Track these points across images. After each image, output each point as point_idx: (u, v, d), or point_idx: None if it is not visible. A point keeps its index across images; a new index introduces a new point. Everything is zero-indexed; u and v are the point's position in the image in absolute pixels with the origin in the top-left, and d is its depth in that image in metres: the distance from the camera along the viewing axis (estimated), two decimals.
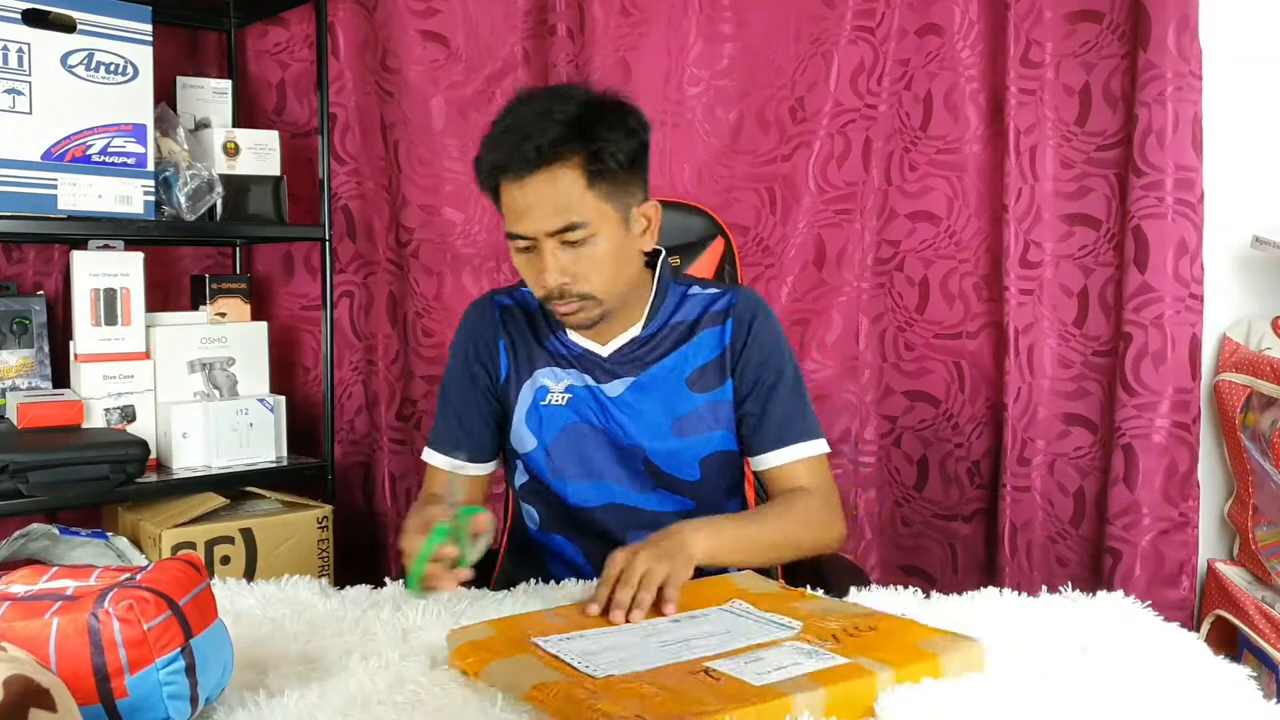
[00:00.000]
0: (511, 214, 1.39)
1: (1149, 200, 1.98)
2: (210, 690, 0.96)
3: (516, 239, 1.40)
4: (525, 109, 1.39)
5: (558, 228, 1.37)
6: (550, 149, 1.35)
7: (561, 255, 1.39)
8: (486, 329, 1.59)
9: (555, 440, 1.54)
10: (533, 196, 1.36)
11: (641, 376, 1.52)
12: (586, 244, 1.39)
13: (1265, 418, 1.91)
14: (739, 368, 1.53)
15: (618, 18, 2.30)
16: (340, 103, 2.39)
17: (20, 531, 1.94)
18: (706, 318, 1.54)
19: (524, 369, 1.56)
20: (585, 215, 1.37)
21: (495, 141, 1.39)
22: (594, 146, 1.36)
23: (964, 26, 2.18)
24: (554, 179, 1.36)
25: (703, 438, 1.52)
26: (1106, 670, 1.07)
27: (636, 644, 1.09)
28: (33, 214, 1.88)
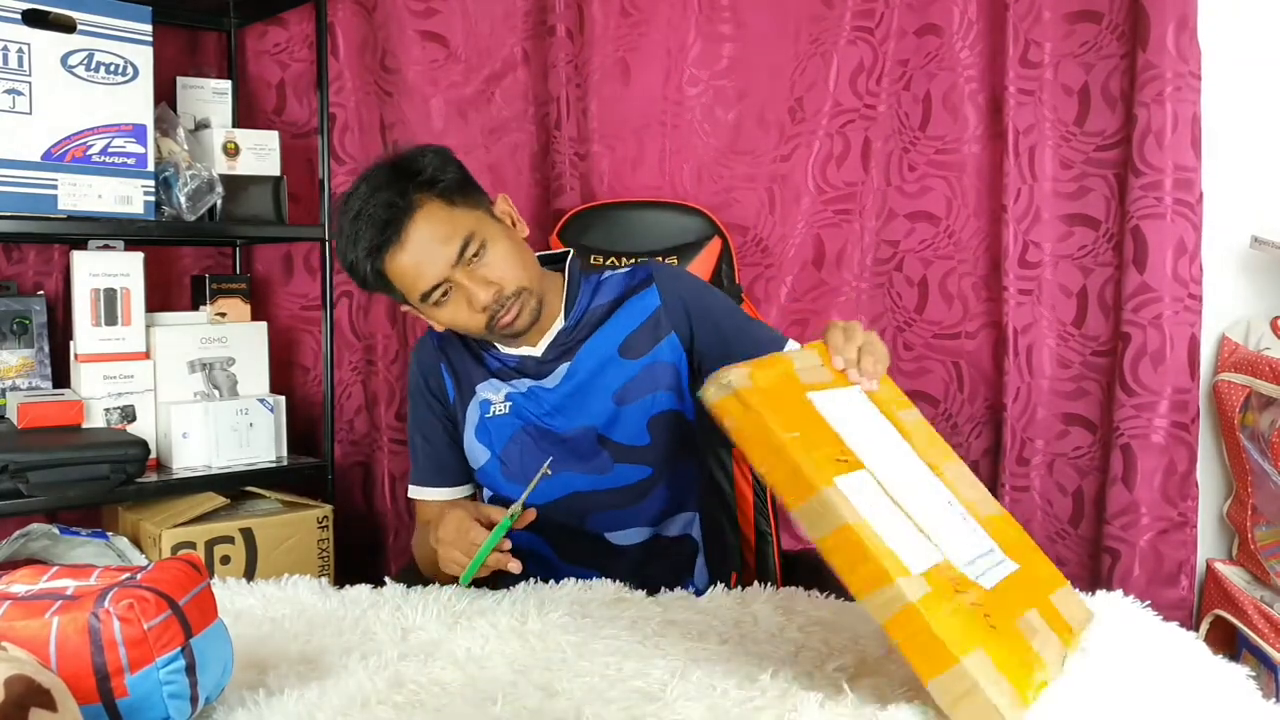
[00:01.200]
0: (412, 276, 1.45)
1: (1148, 200, 1.98)
2: (210, 690, 0.96)
3: (431, 294, 1.46)
4: (353, 207, 1.46)
5: (458, 250, 1.44)
6: (402, 202, 1.43)
7: (475, 277, 1.45)
8: (429, 360, 1.66)
9: (505, 448, 1.59)
10: (417, 247, 1.44)
11: (575, 358, 1.58)
12: (486, 251, 1.46)
13: (1264, 418, 1.91)
14: (683, 324, 1.58)
15: (617, 18, 2.30)
16: (340, 103, 2.39)
17: (20, 531, 1.94)
18: (627, 291, 1.61)
19: (466, 389, 1.63)
20: (468, 229, 1.45)
21: (354, 237, 1.46)
22: (424, 178, 1.46)
23: (963, 27, 2.18)
24: (421, 222, 1.44)
25: (645, 400, 1.57)
26: (1105, 670, 1.07)
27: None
28: (33, 214, 1.88)
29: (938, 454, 1.15)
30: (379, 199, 1.44)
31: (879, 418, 1.13)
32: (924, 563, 0.95)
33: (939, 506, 1.06)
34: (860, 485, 0.98)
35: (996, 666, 0.90)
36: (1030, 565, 1.09)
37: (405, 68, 2.35)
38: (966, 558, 1.00)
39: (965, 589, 0.96)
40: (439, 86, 2.37)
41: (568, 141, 2.33)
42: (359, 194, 1.47)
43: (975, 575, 0.99)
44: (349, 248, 1.47)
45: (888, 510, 0.98)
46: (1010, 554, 1.07)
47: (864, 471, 1.01)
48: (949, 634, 0.89)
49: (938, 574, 0.95)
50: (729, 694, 1.00)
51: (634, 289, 1.61)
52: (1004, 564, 1.05)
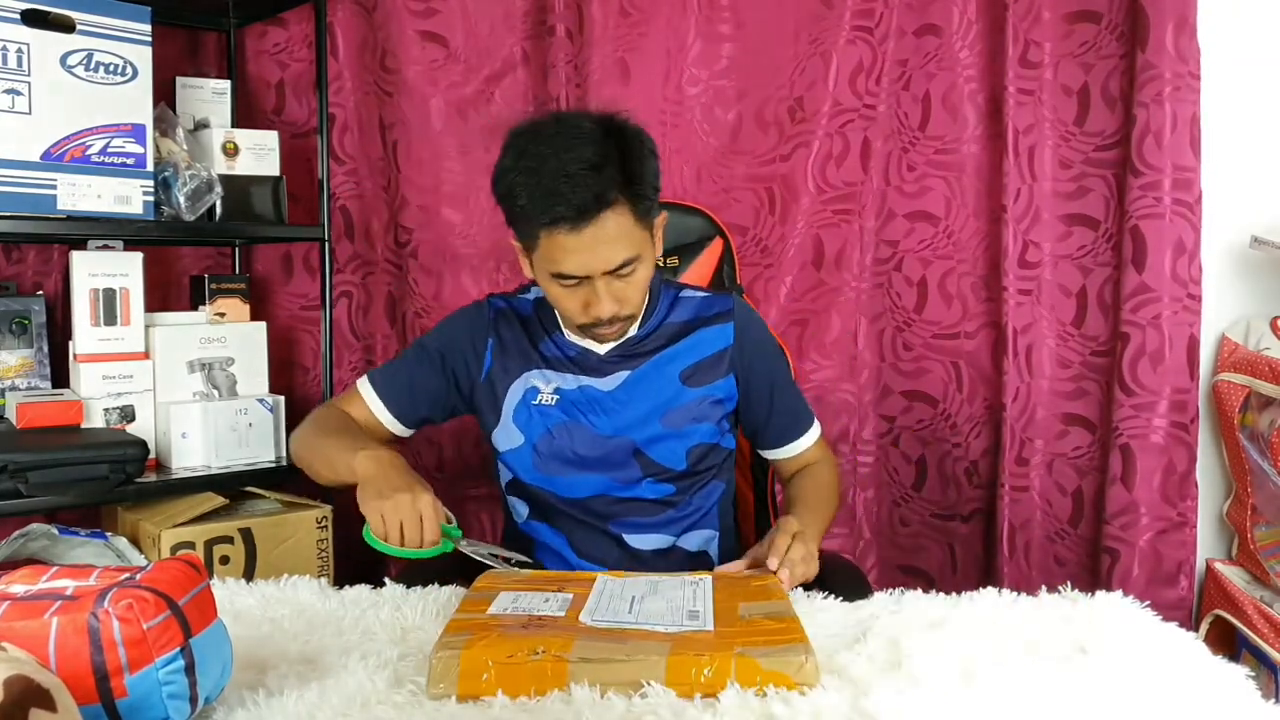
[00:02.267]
0: (564, 258, 1.41)
1: (1147, 200, 1.99)
2: (210, 690, 0.96)
3: (565, 278, 1.43)
4: (554, 155, 1.38)
5: (616, 266, 1.42)
6: (606, 197, 1.38)
7: (613, 287, 1.45)
8: (478, 327, 1.63)
9: (542, 438, 1.59)
10: (589, 241, 1.39)
11: (637, 370, 1.58)
12: (634, 272, 1.45)
13: (1264, 417, 1.91)
14: (744, 373, 1.61)
15: (617, 18, 2.30)
16: (339, 103, 2.38)
17: (19, 531, 1.94)
18: (701, 319, 1.61)
19: (512, 369, 1.61)
20: (635, 248, 1.43)
21: (540, 194, 1.38)
22: (636, 185, 1.41)
23: (962, 27, 2.18)
24: (608, 222, 1.39)
25: (689, 429, 1.59)
26: (1105, 670, 1.07)
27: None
28: (32, 214, 1.88)
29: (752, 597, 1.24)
30: (585, 178, 1.36)
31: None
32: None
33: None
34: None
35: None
36: (731, 637, 1.09)
37: (405, 68, 2.35)
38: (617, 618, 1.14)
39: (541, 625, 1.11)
40: (439, 86, 2.36)
41: None
42: (561, 152, 1.38)
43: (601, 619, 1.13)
44: (526, 188, 1.39)
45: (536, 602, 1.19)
46: (727, 629, 1.12)
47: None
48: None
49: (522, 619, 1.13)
50: (728, 695, 1.00)
51: (710, 319, 1.61)
52: (696, 623, 1.13)
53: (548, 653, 1.02)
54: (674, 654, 1.02)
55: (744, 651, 1.03)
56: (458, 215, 2.39)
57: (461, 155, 2.38)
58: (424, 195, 2.39)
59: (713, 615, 1.15)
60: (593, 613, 1.15)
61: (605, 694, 0.98)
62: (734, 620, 1.14)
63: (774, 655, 1.02)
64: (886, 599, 1.32)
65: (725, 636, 1.08)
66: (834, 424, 2.31)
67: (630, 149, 1.42)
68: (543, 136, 1.41)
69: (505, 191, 1.43)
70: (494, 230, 2.41)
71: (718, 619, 1.14)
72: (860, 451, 2.34)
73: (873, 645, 1.13)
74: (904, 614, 1.24)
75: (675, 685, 0.99)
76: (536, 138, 1.41)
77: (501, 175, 1.44)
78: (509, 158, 1.43)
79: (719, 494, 1.67)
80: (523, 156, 1.41)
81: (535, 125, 1.44)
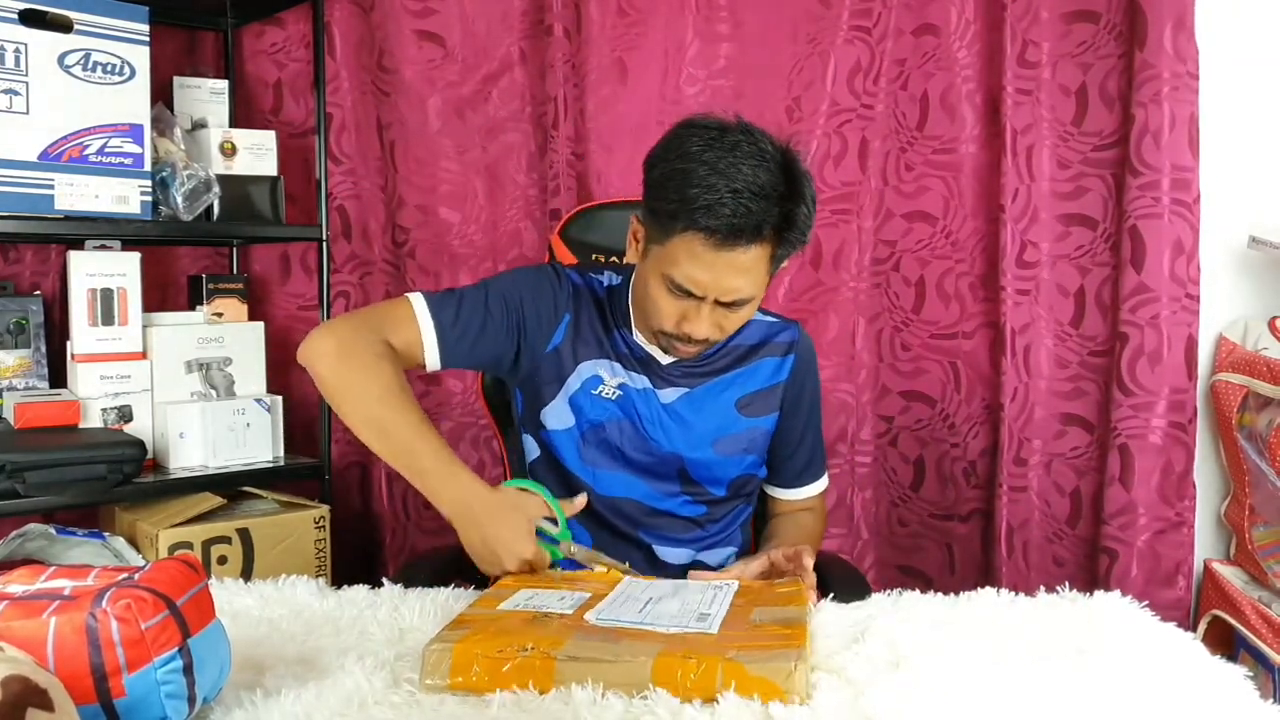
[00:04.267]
0: (688, 269, 1.36)
1: (1145, 200, 1.99)
2: (208, 690, 0.96)
3: (676, 286, 1.38)
4: (733, 164, 1.32)
5: (733, 299, 1.39)
6: (762, 229, 1.34)
7: (718, 313, 1.41)
8: (560, 296, 1.55)
9: (593, 429, 1.55)
10: (723, 267, 1.35)
11: (696, 389, 1.56)
12: (744, 308, 1.42)
13: (1262, 418, 1.91)
14: (788, 410, 1.61)
15: (614, 18, 2.30)
16: (337, 103, 2.38)
17: (17, 531, 1.94)
18: (767, 346, 1.60)
19: (581, 351, 1.54)
20: (758, 289, 1.40)
21: (708, 196, 1.32)
22: (790, 230, 1.37)
23: (960, 26, 2.18)
24: (749, 255, 1.35)
25: (737, 458, 1.59)
26: (1103, 670, 1.07)
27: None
28: (29, 214, 1.88)
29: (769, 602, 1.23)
30: (753, 203, 1.31)
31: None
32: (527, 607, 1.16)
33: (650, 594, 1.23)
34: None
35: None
36: (729, 641, 1.07)
37: (402, 67, 2.35)
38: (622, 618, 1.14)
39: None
40: (436, 86, 2.36)
41: (565, 141, 2.33)
42: (749, 158, 1.33)
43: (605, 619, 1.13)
44: (689, 184, 1.32)
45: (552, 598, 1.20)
46: (732, 626, 1.12)
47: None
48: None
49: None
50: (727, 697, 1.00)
51: (775, 348, 1.60)
52: (702, 625, 1.12)
53: (536, 649, 1.01)
54: (661, 656, 1.01)
55: (735, 656, 1.01)
56: (455, 215, 2.39)
57: (459, 155, 2.38)
58: (422, 195, 2.38)
59: (723, 619, 1.14)
60: (600, 612, 1.15)
61: (605, 694, 0.98)
62: (744, 623, 1.13)
63: (762, 662, 1.00)
64: (885, 599, 1.32)
65: (724, 640, 1.07)
66: (832, 424, 2.31)
67: (800, 191, 1.37)
68: (727, 140, 1.35)
69: (665, 177, 1.36)
70: (492, 230, 2.42)
71: (726, 622, 1.13)
72: (858, 452, 2.34)
73: (871, 645, 1.12)
74: (902, 614, 1.24)
75: (660, 687, 0.98)
76: (722, 138, 1.35)
77: (667, 159, 1.37)
78: (690, 145, 1.35)
79: (745, 516, 1.68)
80: (707, 150, 1.33)
81: (722, 125, 1.37)
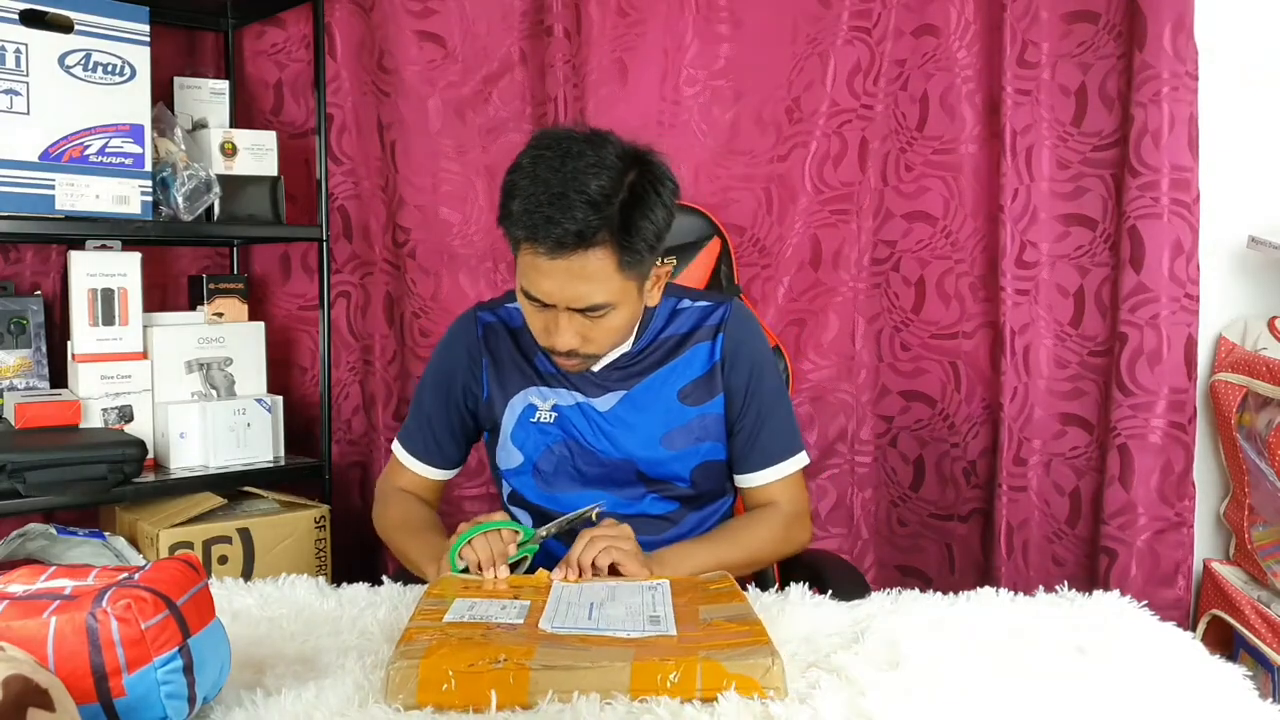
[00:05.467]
0: (533, 279, 1.35)
1: (1145, 200, 1.99)
2: (208, 689, 0.96)
3: (530, 297, 1.38)
4: (560, 173, 1.31)
5: (582, 307, 1.36)
6: (589, 235, 1.30)
7: (577, 322, 1.38)
8: (470, 348, 1.59)
9: (542, 457, 1.55)
10: (562, 275, 1.33)
11: (633, 390, 1.53)
12: (605, 316, 1.38)
13: (1261, 418, 1.91)
14: (731, 386, 1.54)
15: (614, 18, 2.30)
16: (337, 103, 2.39)
17: (18, 531, 1.94)
18: (699, 332, 1.55)
19: (509, 387, 1.56)
20: (611, 296, 1.36)
21: (530, 207, 1.31)
22: (629, 235, 1.33)
23: (960, 27, 2.18)
24: (586, 262, 1.32)
25: (691, 449, 1.54)
26: (1103, 670, 1.08)
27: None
28: (30, 214, 1.88)
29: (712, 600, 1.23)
30: (579, 210, 1.29)
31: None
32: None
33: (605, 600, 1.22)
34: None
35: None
36: (694, 641, 1.07)
37: (403, 68, 2.35)
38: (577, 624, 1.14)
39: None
40: (436, 86, 2.36)
41: None
42: (568, 173, 1.30)
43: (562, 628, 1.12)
44: (518, 206, 1.32)
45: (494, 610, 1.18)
46: (687, 626, 1.13)
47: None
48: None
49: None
50: (727, 697, 1.00)
51: (705, 333, 1.54)
52: (658, 627, 1.13)
53: (510, 660, 1.00)
54: (638, 660, 1.01)
55: (709, 655, 1.01)
56: (456, 215, 2.39)
57: (459, 155, 2.38)
58: (422, 195, 2.39)
59: (674, 619, 1.15)
60: (552, 619, 1.14)
61: (607, 699, 0.98)
62: (695, 623, 1.13)
63: (739, 659, 1.01)
64: (884, 599, 1.32)
65: (688, 640, 1.07)
66: (832, 424, 2.32)
67: (641, 197, 1.35)
68: (564, 149, 1.33)
69: (506, 188, 1.36)
70: (492, 230, 2.41)
71: (679, 622, 1.13)
72: (858, 452, 2.34)
73: (870, 645, 1.13)
74: (902, 614, 1.24)
75: (640, 692, 0.98)
76: (558, 146, 1.34)
77: (511, 170, 1.37)
78: (526, 156, 1.36)
79: (725, 509, 1.63)
80: (537, 162, 1.33)
81: (567, 134, 1.36)
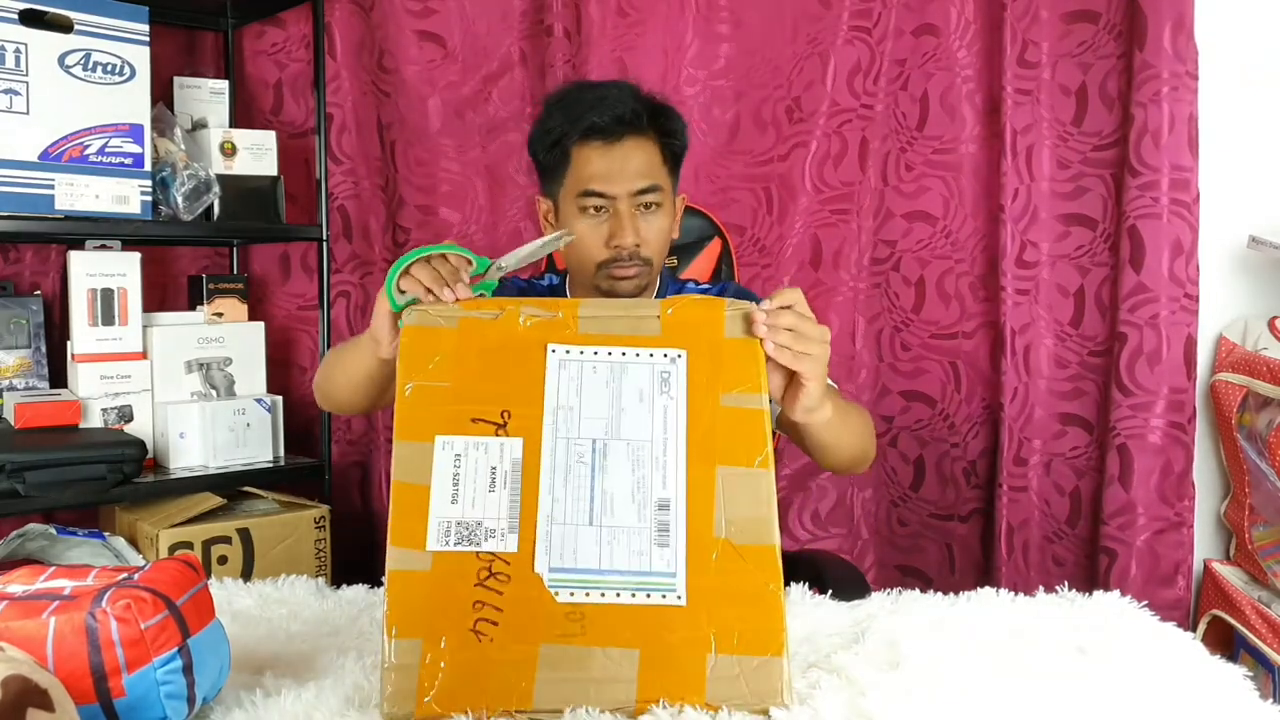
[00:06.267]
0: (594, 174, 1.46)
1: (1145, 200, 1.99)
2: (207, 690, 0.96)
3: (594, 197, 1.47)
4: (593, 90, 1.50)
5: (643, 187, 1.47)
6: (641, 119, 1.47)
7: (637, 219, 1.48)
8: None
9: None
10: (620, 159, 1.46)
11: None
12: (656, 213, 1.49)
13: (1262, 417, 1.91)
14: None
15: (614, 18, 2.30)
16: (337, 103, 2.38)
17: (17, 531, 1.94)
18: None
19: None
20: (662, 181, 1.50)
21: (580, 108, 1.47)
22: (666, 127, 1.50)
23: (960, 26, 2.18)
24: (640, 146, 1.48)
25: None
26: (1103, 670, 1.07)
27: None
28: (30, 214, 1.88)
29: (729, 453, 1.04)
30: (620, 98, 1.47)
31: (651, 397, 1.06)
32: (462, 543, 0.99)
33: (612, 506, 1.02)
34: (467, 449, 1.02)
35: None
36: (703, 611, 0.98)
37: (403, 67, 2.35)
38: (578, 563, 0.99)
39: (496, 585, 0.98)
40: (436, 86, 2.36)
41: None
42: (600, 89, 1.50)
43: (560, 583, 0.98)
44: (559, 112, 1.49)
45: (481, 485, 1.01)
46: (700, 591, 0.99)
47: (507, 439, 1.03)
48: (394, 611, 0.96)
49: (470, 560, 0.98)
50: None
51: None
52: (665, 595, 0.99)
53: (515, 691, 0.95)
54: (643, 670, 0.96)
55: (714, 669, 0.96)
56: (456, 215, 2.39)
57: (459, 155, 2.38)
58: (422, 195, 2.39)
59: (684, 540, 1.00)
60: (549, 552, 1.00)
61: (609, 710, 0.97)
62: (708, 545, 1.00)
63: (749, 672, 0.96)
64: (885, 599, 1.32)
65: (697, 618, 0.98)
66: None
67: (660, 105, 1.52)
68: (580, 86, 1.55)
69: (543, 126, 1.51)
70: (491, 230, 2.41)
71: (691, 557, 1.00)
72: None
73: (871, 645, 1.13)
74: (902, 614, 1.24)
75: (645, 701, 0.95)
76: (575, 87, 1.55)
77: (537, 121, 1.53)
78: (548, 104, 1.53)
79: None
80: (562, 99, 1.51)
81: (574, 82, 1.58)
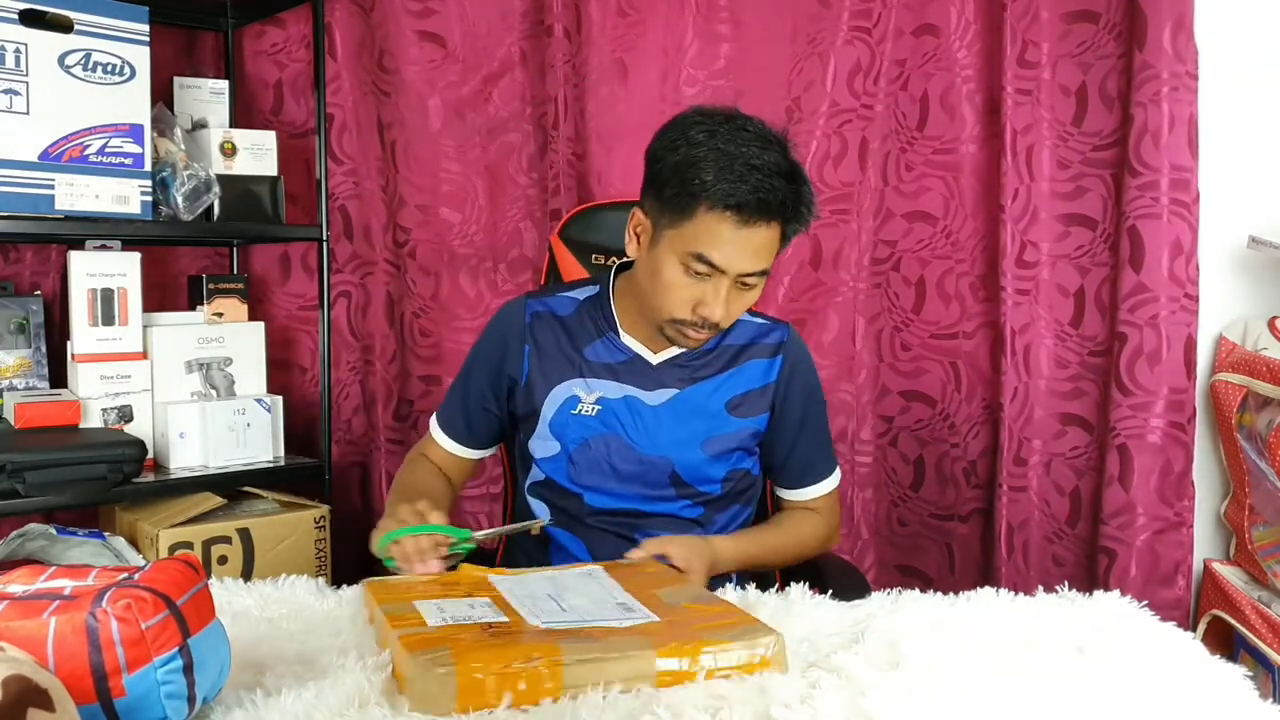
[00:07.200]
0: (715, 245, 1.41)
1: (1144, 200, 1.99)
2: (208, 690, 0.96)
3: (705, 264, 1.42)
4: (751, 147, 1.40)
5: (755, 271, 1.44)
6: (784, 207, 1.42)
7: (733, 293, 1.45)
8: (514, 333, 1.61)
9: (579, 448, 1.57)
10: (745, 241, 1.41)
11: (686, 391, 1.57)
12: (751, 290, 1.47)
13: (1261, 417, 1.91)
14: (779, 411, 1.60)
15: (614, 18, 2.30)
16: (337, 103, 2.38)
17: (17, 531, 1.94)
18: (755, 347, 1.61)
19: (552, 376, 1.58)
20: (770, 263, 1.46)
21: (732, 171, 1.39)
22: (799, 211, 1.45)
23: (960, 27, 2.18)
24: (770, 232, 1.43)
25: (728, 458, 1.58)
26: (1103, 670, 1.08)
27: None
28: (30, 214, 1.88)
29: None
30: (778, 181, 1.40)
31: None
32: (460, 621, 1.11)
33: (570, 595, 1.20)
34: (443, 604, 1.17)
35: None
36: (684, 626, 1.10)
37: (403, 68, 2.35)
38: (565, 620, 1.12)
39: (501, 629, 1.09)
40: (436, 86, 2.37)
41: (565, 141, 2.33)
42: (762, 141, 1.42)
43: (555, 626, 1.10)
44: (716, 165, 1.39)
45: (463, 612, 1.14)
46: (663, 613, 1.14)
47: (476, 598, 1.19)
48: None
49: (471, 626, 1.10)
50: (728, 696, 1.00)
51: (763, 350, 1.61)
52: (637, 614, 1.14)
53: (544, 659, 1.00)
54: (658, 646, 1.03)
55: (713, 636, 1.05)
56: (456, 215, 2.39)
57: (460, 155, 2.38)
58: (422, 195, 2.39)
59: (642, 605, 1.17)
60: (536, 616, 1.13)
61: (606, 694, 0.98)
62: (667, 609, 1.16)
63: (746, 640, 1.05)
64: (884, 599, 1.32)
65: (679, 626, 1.09)
66: (832, 424, 2.30)
67: (801, 173, 1.46)
68: (737, 126, 1.43)
69: (685, 162, 1.41)
70: (492, 230, 2.42)
71: (652, 609, 1.15)
72: (858, 452, 2.34)
73: (871, 645, 1.13)
74: (902, 614, 1.24)
75: (668, 681, 1.00)
76: (731, 124, 1.43)
77: (676, 146, 1.42)
78: (697, 132, 1.42)
79: (743, 518, 1.66)
80: (715, 136, 1.41)
81: (726, 112, 1.45)
